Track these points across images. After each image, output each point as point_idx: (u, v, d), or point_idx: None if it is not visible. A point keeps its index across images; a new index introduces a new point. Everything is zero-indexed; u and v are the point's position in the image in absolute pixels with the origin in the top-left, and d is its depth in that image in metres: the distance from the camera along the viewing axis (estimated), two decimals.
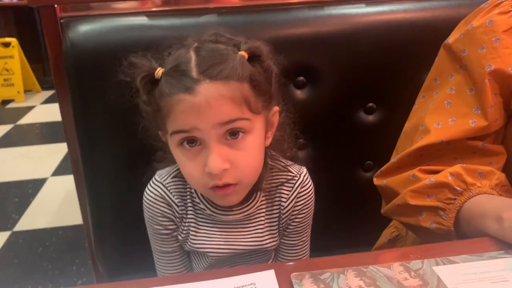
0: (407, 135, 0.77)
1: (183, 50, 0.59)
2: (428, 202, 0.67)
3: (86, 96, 0.88)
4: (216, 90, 0.55)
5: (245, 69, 0.57)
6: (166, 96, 0.56)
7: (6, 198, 2.32)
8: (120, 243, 0.98)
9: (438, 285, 0.48)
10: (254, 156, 0.60)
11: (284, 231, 0.71)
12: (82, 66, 0.86)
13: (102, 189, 0.95)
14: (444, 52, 0.74)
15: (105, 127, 0.90)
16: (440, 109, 0.71)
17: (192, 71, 0.55)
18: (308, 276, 0.51)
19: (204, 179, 0.59)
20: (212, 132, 0.56)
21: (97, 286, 0.53)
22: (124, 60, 0.65)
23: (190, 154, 0.59)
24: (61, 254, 1.87)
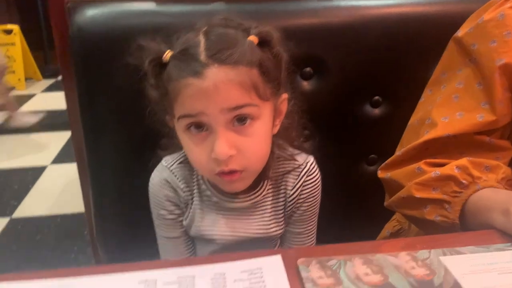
0: (413, 129, 0.77)
1: (192, 33, 0.58)
2: (433, 195, 0.66)
3: (92, 82, 0.87)
4: (225, 75, 0.54)
5: (254, 54, 0.56)
6: (174, 79, 0.56)
7: (5, 185, 2.31)
8: (122, 231, 0.98)
9: (446, 275, 0.48)
10: (261, 143, 0.60)
11: (289, 218, 0.71)
12: (89, 51, 0.85)
13: (105, 176, 0.95)
14: (453, 45, 0.74)
15: (110, 113, 0.90)
16: (447, 103, 0.71)
17: (201, 55, 0.55)
18: (315, 262, 0.51)
19: (210, 165, 0.58)
20: (219, 117, 0.55)
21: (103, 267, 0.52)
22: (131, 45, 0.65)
23: (197, 139, 0.58)
24: (60, 242, 1.87)
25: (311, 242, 0.74)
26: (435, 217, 0.66)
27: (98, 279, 0.50)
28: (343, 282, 0.48)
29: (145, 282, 0.49)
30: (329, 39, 0.89)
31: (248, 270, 0.51)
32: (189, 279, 0.49)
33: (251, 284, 0.49)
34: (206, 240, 0.70)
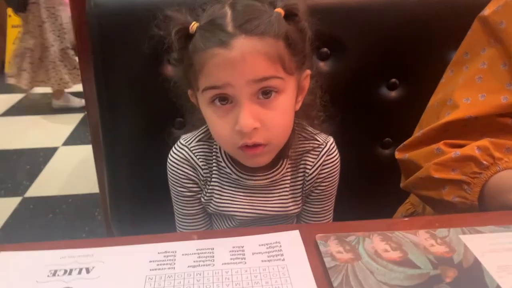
0: (433, 110, 0.76)
1: (218, 5, 0.58)
2: (452, 175, 0.66)
3: (109, 59, 0.87)
4: (252, 45, 0.54)
5: (281, 26, 0.56)
6: (200, 50, 0.55)
7: (17, 165, 2.34)
8: (136, 209, 0.99)
9: (465, 253, 0.48)
10: (284, 117, 0.60)
11: (307, 197, 0.71)
12: (106, 26, 0.85)
13: (120, 154, 0.95)
14: (478, 25, 0.72)
15: (126, 90, 0.90)
16: (470, 84, 0.69)
17: (228, 26, 0.54)
18: (334, 238, 0.51)
19: (233, 138, 0.58)
20: (245, 89, 0.55)
21: (124, 238, 0.53)
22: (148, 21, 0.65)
23: (221, 111, 0.58)
24: (71, 222, 1.89)
25: (328, 221, 0.74)
26: (453, 198, 0.66)
27: (117, 249, 0.50)
28: (362, 258, 0.48)
29: (164, 253, 0.49)
30: (346, 19, 0.88)
31: (267, 244, 0.51)
32: (208, 251, 0.50)
33: (270, 257, 0.49)
34: (225, 217, 0.71)
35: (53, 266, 0.48)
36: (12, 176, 2.22)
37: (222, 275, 0.46)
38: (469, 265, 0.47)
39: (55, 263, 0.48)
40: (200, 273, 0.46)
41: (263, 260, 0.48)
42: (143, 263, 0.48)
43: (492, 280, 0.44)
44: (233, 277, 0.46)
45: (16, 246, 0.51)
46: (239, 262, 0.48)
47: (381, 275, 0.45)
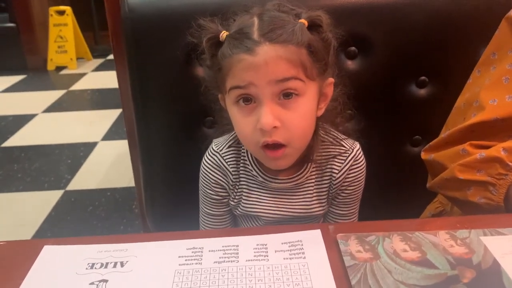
0: (460, 111, 0.76)
1: (247, 16, 0.61)
2: (477, 176, 0.66)
3: (142, 60, 0.91)
4: (275, 52, 0.57)
5: (304, 35, 0.59)
6: (228, 56, 0.59)
7: (59, 159, 2.45)
8: (169, 203, 1.03)
9: (485, 254, 0.49)
10: (304, 120, 0.62)
11: (333, 200, 0.73)
12: (139, 30, 0.89)
13: (155, 150, 0.99)
14: (506, 25, 0.71)
15: (160, 90, 0.94)
16: (497, 85, 0.69)
17: (254, 34, 0.58)
18: (354, 238, 0.52)
19: (255, 136, 0.61)
20: (267, 89, 0.58)
21: (155, 234, 0.56)
22: (180, 25, 0.68)
23: (245, 111, 0.61)
24: (110, 214, 1.97)
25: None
26: (479, 199, 0.66)
27: (149, 244, 0.54)
28: (381, 257, 0.49)
29: (192, 249, 0.52)
30: (374, 17, 0.88)
31: (289, 242, 0.53)
32: (233, 248, 0.52)
33: (291, 254, 0.51)
34: (251, 217, 0.74)
35: (91, 259, 0.52)
36: (54, 170, 2.33)
37: (246, 271, 0.49)
38: (487, 267, 0.47)
39: (93, 257, 0.52)
40: (225, 269, 0.49)
41: (285, 257, 0.51)
42: (172, 258, 0.51)
43: (510, 282, 0.45)
44: (256, 273, 0.48)
45: (58, 240, 0.55)
46: (262, 259, 0.50)
47: (399, 274, 0.47)
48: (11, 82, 3.72)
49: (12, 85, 3.67)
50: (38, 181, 2.23)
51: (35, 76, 3.89)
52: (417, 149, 1.01)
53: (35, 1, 3.93)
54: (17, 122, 2.92)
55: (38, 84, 3.71)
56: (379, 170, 0.93)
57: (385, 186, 1.01)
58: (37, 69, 3.98)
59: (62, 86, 3.60)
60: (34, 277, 0.50)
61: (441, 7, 0.87)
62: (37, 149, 2.56)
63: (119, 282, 0.48)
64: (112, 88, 3.50)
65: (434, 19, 0.88)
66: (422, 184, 0.85)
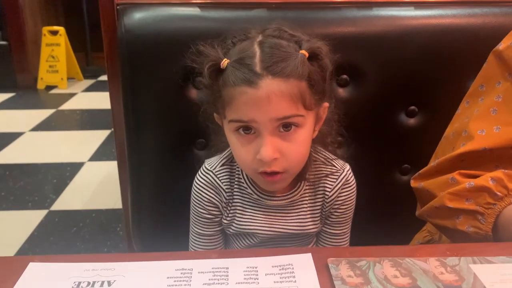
0: (449, 140, 0.77)
1: (248, 42, 0.62)
2: (466, 205, 0.67)
3: (136, 82, 0.92)
4: (277, 86, 0.58)
5: (304, 68, 0.60)
6: (230, 86, 0.60)
7: (45, 178, 2.41)
8: (157, 226, 1.02)
9: (475, 282, 0.49)
10: (302, 148, 0.64)
11: (326, 219, 0.74)
12: (135, 51, 0.89)
13: (144, 172, 0.99)
14: (493, 58, 0.74)
15: (152, 113, 0.94)
16: (485, 116, 0.71)
17: (256, 66, 0.59)
18: (345, 262, 0.52)
19: (254, 165, 0.62)
20: (268, 124, 0.59)
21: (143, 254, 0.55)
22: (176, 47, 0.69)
23: (244, 140, 0.62)
24: (94, 235, 1.93)
25: (346, 244, 0.77)
26: (467, 228, 0.67)
27: (137, 264, 0.53)
28: (372, 282, 0.49)
29: (181, 270, 0.52)
30: (367, 47, 0.90)
31: (279, 266, 0.53)
32: (223, 270, 0.52)
33: (282, 278, 0.51)
34: (245, 235, 0.74)
35: (77, 278, 0.51)
36: (39, 189, 2.29)
37: None
38: None
39: (79, 275, 0.51)
40: None
41: (275, 281, 0.50)
42: (161, 279, 0.50)
43: None
44: None
45: (44, 257, 0.54)
46: (252, 282, 0.50)
47: None
48: (0, 99, 3.70)
49: (0, 103, 3.64)
50: (22, 200, 2.19)
51: (25, 94, 3.87)
52: (406, 177, 1.02)
53: (28, 20, 3.94)
54: (4, 139, 2.88)
55: (27, 102, 3.69)
56: (368, 196, 0.94)
57: (374, 213, 1.01)
58: (27, 87, 3.96)
59: (51, 105, 3.58)
60: None
61: (432, 41, 0.90)
62: (22, 168, 2.52)
63: None
64: (102, 109, 3.49)
65: (424, 52, 0.90)
66: (411, 212, 0.86)
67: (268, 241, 0.73)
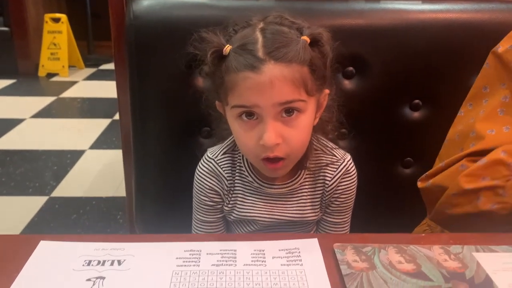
0: (454, 143, 0.77)
1: (250, 29, 0.63)
2: (484, 183, 0.65)
3: (143, 69, 0.92)
4: (280, 71, 0.58)
5: (306, 53, 0.60)
6: (233, 72, 0.60)
7: (45, 165, 2.42)
8: (160, 212, 1.02)
9: (478, 270, 0.50)
10: (304, 134, 0.64)
11: (326, 208, 0.75)
12: (143, 38, 0.90)
13: (149, 159, 0.99)
14: (494, 60, 0.73)
15: (159, 99, 0.94)
16: (492, 116, 0.70)
17: (259, 51, 0.59)
18: (351, 248, 0.53)
19: (257, 150, 0.63)
20: (270, 109, 0.60)
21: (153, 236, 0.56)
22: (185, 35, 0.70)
23: (247, 126, 0.63)
24: (94, 223, 1.94)
25: (346, 232, 0.78)
26: (492, 206, 0.66)
27: (147, 244, 0.54)
28: (377, 267, 0.50)
29: (190, 251, 0.53)
30: (373, 40, 0.91)
31: (286, 249, 0.54)
32: (231, 252, 0.53)
33: (289, 261, 0.52)
34: (246, 222, 0.75)
35: (87, 256, 0.52)
36: (40, 176, 2.30)
37: (244, 275, 0.49)
38: (480, 281, 0.48)
39: (90, 254, 0.52)
40: (223, 272, 0.49)
41: (282, 264, 0.51)
42: (170, 259, 0.51)
43: None
44: (254, 277, 0.49)
45: (54, 236, 0.55)
46: (259, 264, 0.51)
47: (394, 284, 0.48)
48: (1, 85, 3.69)
49: (1, 89, 3.63)
50: (23, 186, 2.19)
51: (26, 81, 3.86)
52: (408, 170, 1.03)
53: (31, 7, 3.92)
54: (4, 126, 2.88)
55: (28, 89, 3.68)
56: (370, 189, 0.95)
57: (374, 205, 1.02)
58: (28, 74, 3.95)
59: (52, 93, 3.57)
60: (30, 271, 0.49)
61: (438, 35, 0.91)
62: (23, 154, 2.53)
63: (117, 280, 0.48)
64: (103, 98, 3.48)
65: (431, 46, 0.91)
66: (411, 206, 0.87)
67: (268, 228, 0.74)
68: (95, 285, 0.47)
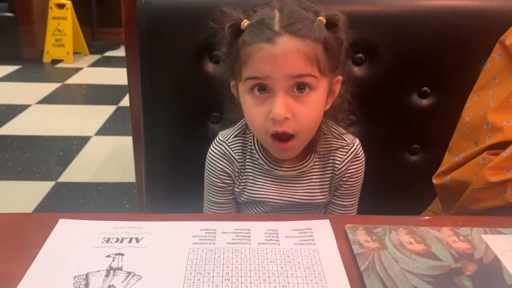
0: (464, 135, 0.76)
1: (268, 8, 0.64)
2: (510, 175, 0.64)
3: (154, 54, 0.93)
4: (294, 45, 0.60)
5: (321, 31, 0.62)
6: (248, 44, 0.62)
7: (51, 151, 2.43)
8: (170, 197, 1.04)
9: (486, 251, 0.51)
10: (314, 112, 0.65)
11: (335, 191, 0.77)
12: (154, 23, 0.90)
13: (159, 144, 1.01)
14: (502, 50, 0.73)
15: (168, 85, 0.95)
16: (505, 107, 0.69)
17: (275, 25, 0.61)
18: (362, 228, 0.54)
19: (266, 125, 0.64)
20: (282, 82, 0.61)
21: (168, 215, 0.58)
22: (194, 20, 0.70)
23: (258, 100, 0.64)
24: (100, 208, 1.96)
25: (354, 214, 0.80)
26: None
27: (163, 223, 0.55)
28: (388, 248, 0.51)
29: (205, 230, 0.54)
30: (383, 27, 0.91)
31: (299, 229, 0.55)
32: (245, 231, 0.54)
33: (302, 240, 0.53)
34: (256, 204, 0.76)
35: (106, 234, 0.53)
36: (46, 161, 2.32)
37: (258, 253, 0.50)
38: (489, 262, 0.50)
39: (108, 232, 0.53)
40: (238, 250, 0.51)
41: (295, 243, 0.53)
42: (186, 237, 0.53)
43: (511, 276, 0.47)
44: (268, 255, 0.50)
45: (73, 215, 0.57)
46: (273, 243, 0.52)
47: (405, 263, 0.49)
48: (6, 71, 3.69)
49: (6, 75, 3.64)
50: (29, 171, 2.21)
51: (31, 67, 3.86)
52: (414, 157, 1.04)
53: None
54: (10, 111, 2.89)
55: (33, 75, 3.69)
56: (376, 174, 0.96)
57: (381, 191, 1.03)
58: (33, 60, 3.95)
59: (57, 79, 3.58)
60: (51, 247, 0.51)
61: (448, 23, 0.91)
62: (29, 140, 2.54)
63: (136, 256, 0.50)
64: (108, 85, 3.49)
65: (440, 33, 0.91)
66: (417, 192, 0.88)
67: (278, 209, 0.75)
68: (114, 261, 0.49)
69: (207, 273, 0.47)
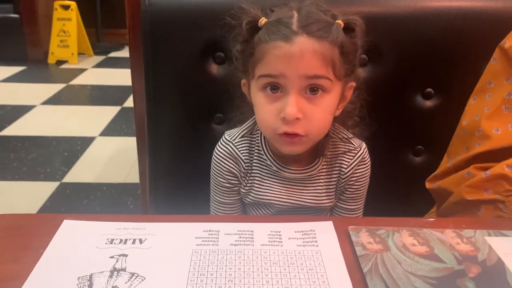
0: (460, 139, 0.77)
1: (286, 8, 0.64)
2: (486, 196, 0.66)
3: (158, 55, 0.93)
4: (311, 45, 0.60)
5: (339, 35, 0.62)
6: (264, 41, 0.62)
7: (56, 151, 2.44)
8: (174, 197, 1.04)
9: (490, 253, 0.51)
10: (325, 115, 0.65)
11: (341, 195, 0.76)
12: (158, 25, 0.91)
13: (163, 144, 1.01)
14: (500, 54, 0.73)
15: (172, 85, 0.95)
16: (497, 114, 0.70)
17: (293, 25, 0.61)
18: (365, 230, 0.54)
19: (276, 124, 0.63)
20: (296, 82, 0.61)
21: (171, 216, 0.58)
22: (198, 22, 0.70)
23: (270, 98, 0.64)
24: (104, 208, 1.97)
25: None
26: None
27: (167, 224, 0.55)
28: (391, 249, 0.51)
29: (209, 231, 0.54)
30: (387, 28, 0.91)
31: (302, 231, 0.55)
32: (248, 233, 0.54)
33: (304, 242, 0.53)
34: (262, 205, 0.76)
35: (110, 235, 0.53)
36: (51, 162, 2.33)
37: (261, 255, 0.51)
38: (492, 264, 0.50)
39: (112, 233, 0.54)
40: (241, 251, 0.51)
41: (298, 244, 0.53)
42: (190, 238, 0.53)
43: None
44: (271, 257, 0.50)
45: (78, 216, 0.57)
46: (276, 244, 0.52)
47: (408, 265, 0.49)
48: (11, 72, 3.72)
49: (11, 76, 3.66)
50: (34, 172, 2.22)
51: (35, 68, 3.88)
52: (418, 158, 1.04)
53: None
54: (15, 112, 2.91)
55: (38, 76, 3.71)
56: (380, 176, 0.96)
57: (385, 192, 1.03)
58: (38, 61, 3.97)
59: (62, 80, 3.60)
60: (56, 248, 0.51)
61: (451, 24, 0.91)
62: (34, 140, 2.56)
63: (139, 257, 0.50)
64: (112, 85, 3.50)
65: (444, 35, 0.91)
66: (421, 194, 0.87)
67: (283, 212, 0.75)
68: (118, 262, 0.49)
69: (210, 274, 0.47)
